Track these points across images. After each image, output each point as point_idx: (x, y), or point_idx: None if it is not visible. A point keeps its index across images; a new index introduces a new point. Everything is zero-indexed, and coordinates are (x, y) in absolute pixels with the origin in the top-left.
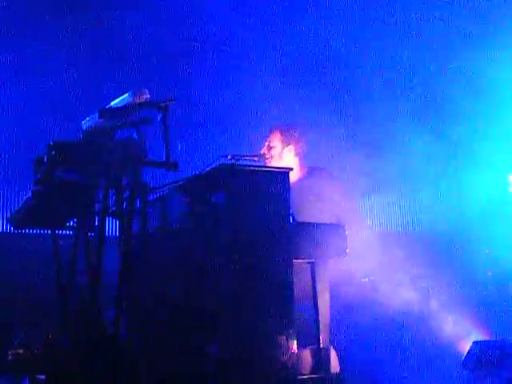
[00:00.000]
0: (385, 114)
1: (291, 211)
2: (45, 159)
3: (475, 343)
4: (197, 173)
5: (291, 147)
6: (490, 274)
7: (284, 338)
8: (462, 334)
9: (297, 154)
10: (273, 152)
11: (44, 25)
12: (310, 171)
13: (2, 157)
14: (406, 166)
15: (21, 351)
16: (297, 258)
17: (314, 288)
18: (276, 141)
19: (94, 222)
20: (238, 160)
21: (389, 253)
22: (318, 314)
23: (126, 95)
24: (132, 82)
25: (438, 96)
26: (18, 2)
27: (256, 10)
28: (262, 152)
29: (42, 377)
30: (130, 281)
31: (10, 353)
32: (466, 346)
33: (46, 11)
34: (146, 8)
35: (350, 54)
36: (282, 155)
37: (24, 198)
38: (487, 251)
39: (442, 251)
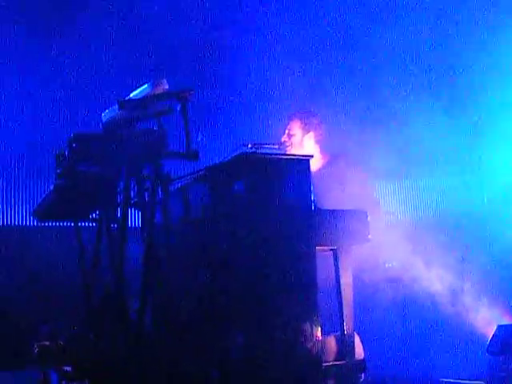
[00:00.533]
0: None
1: (313, 198)
2: (66, 153)
3: (500, 327)
4: (218, 162)
5: (311, 134)
6: None
7: (308, 325)
8: (489, 317)
9: (317, 141)
10: (293, 140)
11: (62, 17)
12: (332, 158)
13: (25, 152)
14: (428, 149)
15: (47, 343)
16: (320, 246)
17: (338, 275)
18: (296, 128)
19: (117, 214)
20: (258, 148)
21: (415, 238)
22: (341, 301)
23: (145, 86)
24: (151, 72)
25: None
26: None
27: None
28: (282, 140)
29: (69, 368)
30: (153, 272)
31: (35, 345)
32: (491, 330)
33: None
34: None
35: (367, 35)
36: (303, 143)
37: (46, 191)
38: None
39: (468, 234)
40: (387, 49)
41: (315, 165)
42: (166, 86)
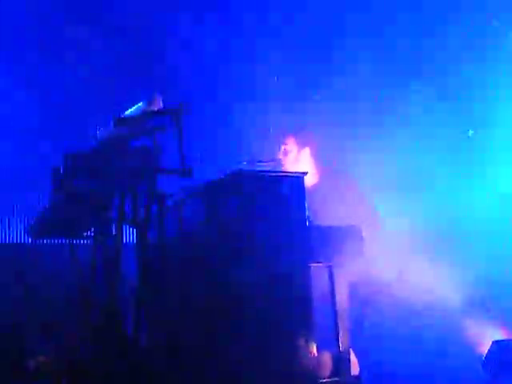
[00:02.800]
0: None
1: (308, 214)
2: (62, 169)
3: (495, 343)
4: (213, 179)
5: (307, 150)
6: None
7: (304, 340)
8: (484, 333)
9: (313, 157)
10: (289, 156)
11: (57, 32)
12: (329, 173)
13: (20, 169)
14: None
15: (43, 358)
16: (314, 261)
17: (333, 291)
18: (291, 145)
19: (111, 230)
20: (253, 165)
21: (413, 251)
22: (336, 317)
23: (140, 104)
24: (145, 90)
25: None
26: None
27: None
28: (278, 157)
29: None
30: (148, 286)
31: (30, 362)
32: (485, 346)
33: (60, 19)
34: (160, 16)
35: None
36: (299, 158)
37: (41, 208)
38: None
39: (464, 248)
40: (386, 61)
41: (312, 180)
42: (161, 104)
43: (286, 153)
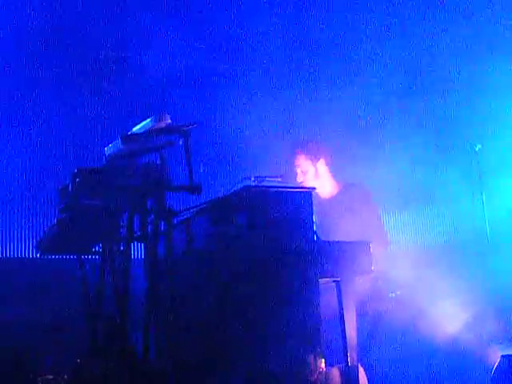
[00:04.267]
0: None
1: (315, 230)
2: (69, 187)
3: (504, 357)
4: (220, 195)
5: (322, 161)
6: None
7: (312, 356)
8: (493, 347)
9: (328, 167)
10: (308, 175)
11: (60, 49)
12: (345, 187)
13: (29, 185)
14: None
15: (50, 377)
16: (322, 277)
17: (341, 307)
18: (305, 162)
19: (120, 247)
20: (261, 181)
21: (420, 267)
22: (344, 333)
23: (148, 120)
24: (153, 107)
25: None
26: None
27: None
28: (298, 180)
29: None
30: (157, 305)
31: (39, 379)
32: (494, 361)
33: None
34: (167, 32)
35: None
36: (317, 173)
37: (49, 225)
38: None
39: (470, 262)
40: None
41: (328, 193)
42: (169, 121)
43: (304, 173)
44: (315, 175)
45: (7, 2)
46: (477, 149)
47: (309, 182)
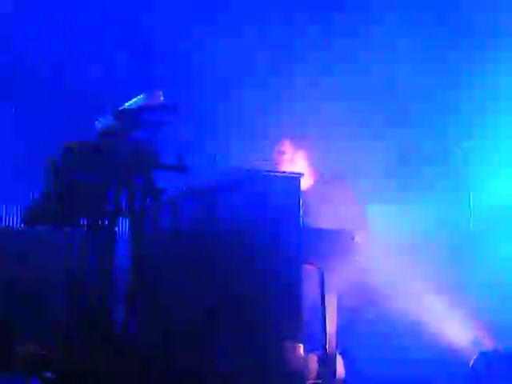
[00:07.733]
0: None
1: (301, 216)
2: (58, 160)
3: (482, 355)
4: (209, 178)
5: (302, 153)
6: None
7: (292, 341)
8: (471, 342)
9: (308, 160)
10: (284, 157)
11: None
12: (324, 178)
13: (16, 156)
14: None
15: (31, 347)
16: (306, 263)
17: (322, 294)
18: (287, 146)
19: (105, 222)
20: (249, 165)
21: (403, 259)
22: (325, 320)
23: (140, 97)
24: (146, 84)
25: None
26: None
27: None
28: (273, 156)
29: (49, 374)
30: (140, 280)
31: (19, 349)
32: (472, 358)
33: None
34: (163, 11)
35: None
36: (294, 161)
37: (36, 196)
38: None
39: (455, 260)
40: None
41: (307, 184)
42: (162, 98)
43: (280, 153)
44: (290, 161)
45: None
46: (463, 147)
47: (281, 163)
